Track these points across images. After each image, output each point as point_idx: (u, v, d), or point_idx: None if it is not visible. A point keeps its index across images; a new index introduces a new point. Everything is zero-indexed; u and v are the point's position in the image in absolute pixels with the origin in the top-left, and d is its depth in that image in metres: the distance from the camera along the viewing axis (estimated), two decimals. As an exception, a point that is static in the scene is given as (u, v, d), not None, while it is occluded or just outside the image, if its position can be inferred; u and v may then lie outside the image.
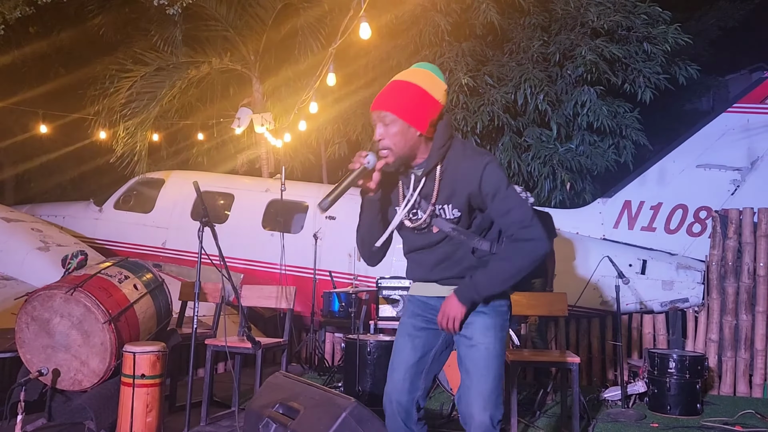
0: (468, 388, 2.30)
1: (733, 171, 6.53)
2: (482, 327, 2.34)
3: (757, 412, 4.91)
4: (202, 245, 3.78)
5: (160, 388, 3.62)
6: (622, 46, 7.81)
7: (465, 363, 2.33)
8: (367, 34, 4.73)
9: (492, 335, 2.33)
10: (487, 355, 2.31)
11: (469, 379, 2.30)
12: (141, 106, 7.45)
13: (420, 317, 2.49)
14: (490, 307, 2.36)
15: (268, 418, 2.80)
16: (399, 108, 2.23)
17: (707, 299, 6.27)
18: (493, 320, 2.36)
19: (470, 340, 2.33)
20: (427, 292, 2.48)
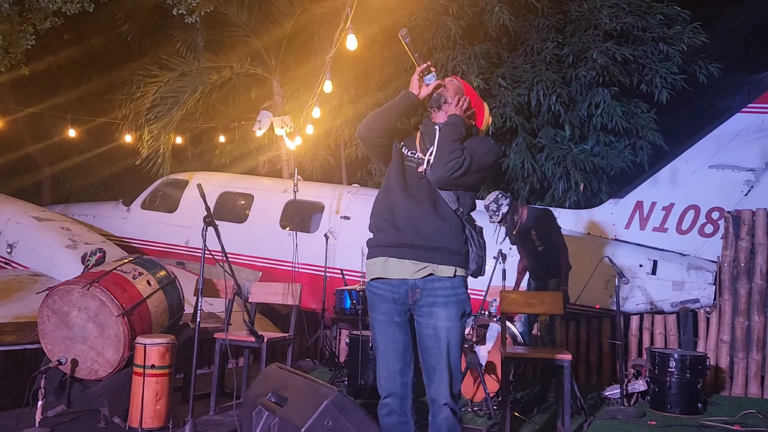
0: (435, 373, 2.60)
1: (747, 171, 6.48)
2: (446, 317, 2.58)
3: (759, 412, 4.92)
4: (204, 242, 3.96)
5: (169, 378, 3.85)
6: (638, 46, 7.81)
7: (428, 350, 2.60)
8: (354, 45, 4.90)
9: (454, 324, 2.59)
10: (450, 343, 2.58)
11: (434, 364, 2.59)
12: (165, 110, 7.77)
13: (396, 308, 2.66)
14: (451, 294, 2.59)
15: (261, 405, 3.00)
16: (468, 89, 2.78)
17: (719, 300, 6.26)
18: (455, 310, 2.59)
19: (435, 329, 2.58)
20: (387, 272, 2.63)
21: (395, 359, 2.65)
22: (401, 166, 2.69)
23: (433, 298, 2.57)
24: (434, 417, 2.62)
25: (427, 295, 2.58)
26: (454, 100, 2.69)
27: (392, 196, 2.67)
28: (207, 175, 8.59)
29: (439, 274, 2.58)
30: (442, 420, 2.60)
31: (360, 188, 8.02)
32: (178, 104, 7.84)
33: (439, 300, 2.56)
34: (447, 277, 2.58)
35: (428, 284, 2.58)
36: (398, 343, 2.65)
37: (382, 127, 2.66)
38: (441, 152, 2.56)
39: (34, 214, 6.93)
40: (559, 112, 7.86)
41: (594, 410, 4.95)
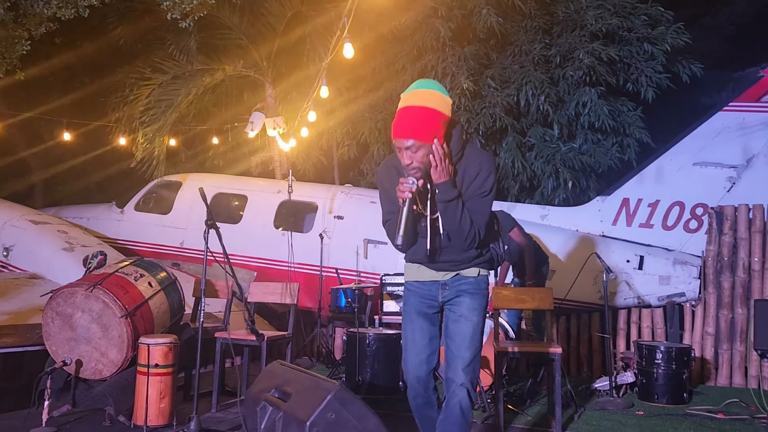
0: (456, 358, 2.77)
1: (729, 168, 6.67)
2: (470, 306, 2.83)
3: (742, 401, 5.10)
4: (207, 245, 4.06)
5: (173, 377, 3.96)
6: (623, 46, 7.97)
7: (452, 335, 2.81)
8: (350, 53, 5.02)
9: (477, 314, 2.84)
10: (472, 330, 2.81)
11: (455, 348, 2.78)
12: (159, 113, 7.84)
13: (426, 302, 2.91)
14: (476, 288, 2.87)
15: (265, 401, 3.12)
16: (419, 134, 2.60)
17: (704, 293, 6.45)
18: (479, 301, 2.86)
19: (459, 315, 2.82)
20: (421, 276, 2.91)
21: (423, 347, 2.86)
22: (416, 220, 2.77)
23: (459, 290, 2.85)
24: (449, 399, 2.76)
25: (455, 289, 2.85)
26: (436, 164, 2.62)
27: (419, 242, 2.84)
28: (201, 177, 8.67)
29: (464, 274, 2.88)
30: (456, 403, 2.73)
31: (353, 188, 8.14)
32: (173, 107, 7.91)
33: (465, 291, 2.84)
34: (472, 276, 2.88)
35: (455, 281, 2.87)
36: (426, 332, 2.88)
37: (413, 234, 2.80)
38: (456, 239, 2.77)
39: (30, 217, 6.99)
40: (548, 111, 8.02)
41: (584, 402, 5.11)
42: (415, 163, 2.63)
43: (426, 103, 2.61)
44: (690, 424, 4.52)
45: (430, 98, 2.62)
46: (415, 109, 2.61)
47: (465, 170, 2.74)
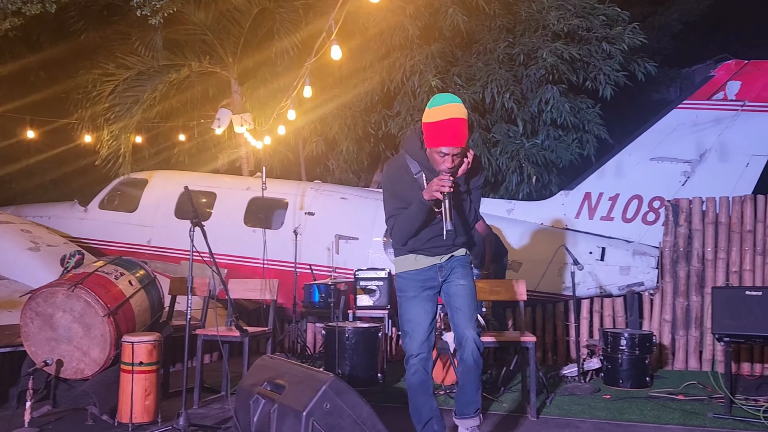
0: (463, 316, 3.28)
1: (684, 163, 7.02)
2: (463, 274, 3.36)
3: (699, 383, 5.42)
4: (192, 243, 4.08)
5: (157, 374, 3.98)
6: (583, 46, 8.26)
7: (455, 297, 3.32)
8: (338, 55, 5.10)
9: (470, 279, 3.39)
10: (470, 292, 3.35)
11: (461, 309, 3.29)
12: (124, 110, 7.71)
13: (423, 289, 3.34)
14: (465, 262, 3.40)
15: (258, 394, 3.20)
16: (465, 142, 3.12)
17: (661, 282, 6.78)
18: (469, 271, 3.42)
19: (458, 281, 3.34)
20: (419, 264, 3.34)
21: (426, 328, 3.29)
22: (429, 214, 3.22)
23: (454, 266, 3.35)
24: (464, 351, 3.23)
25: (450, 267, 3.35)
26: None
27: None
28: (167, 174, 8.57)
29: (456, 254, 3.38)
30: (469, 354, 3.22)
31: (323, 184, 8.20)
32: (138, 103, 7.79)
33: (458, 265, 3.36)
34: (461, 255, 3.40)
35: (449, 261, 3.36)
36: (429, 313, 3.32)
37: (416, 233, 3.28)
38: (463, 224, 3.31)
39: (-8, 217, 6.80)
40: (512, 108, 8.24)
41: (554, 388, 5.34)
42: (454, 166, 3.10)
43: (462, 115, 3.09)
44: (654, 405, 4.80)
45: (462, 111, 3.11)
46: (458, 120, 3.07)
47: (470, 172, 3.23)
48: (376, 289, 6.61)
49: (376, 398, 4.88)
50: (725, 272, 6.58)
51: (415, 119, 7.98)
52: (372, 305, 6.60)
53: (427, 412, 3.26)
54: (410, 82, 7.90)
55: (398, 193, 3.27)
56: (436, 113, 3.07)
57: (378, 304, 6.60)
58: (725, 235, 6.62)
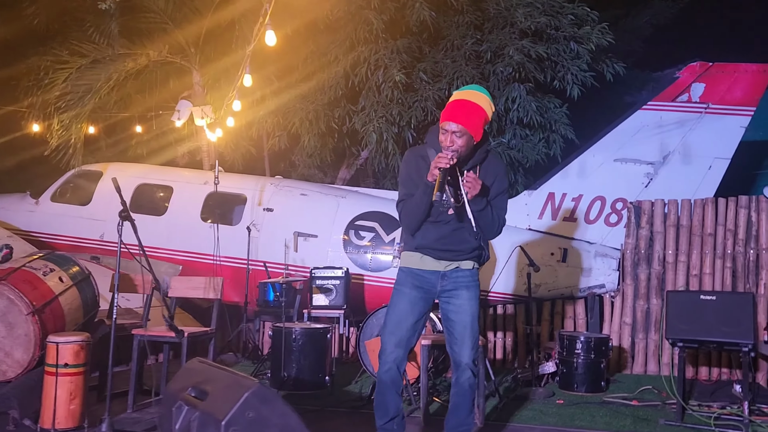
0: (461, 340, 3.21)
1: (647, 165, 6.97)
2: (468, 297, 3.26)
3: (654, 388, 5.35)
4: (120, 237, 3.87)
5: (84, 377, 3.76)
6: (551, 44, 8.17)
7: (455, 324, 3.24)
8: (273, 41, 4.92)
9: (474, 304, 3.28)
10: (472, 319, 3.25)
11: (459, 335, 3.22)
12: (76, 99, 7.41)
13: (419, 289, 3.28)
14: (472, 280, 3.29)
15: (181, 400, 3.00)
16: (468, 123, 3.08)
17: (622, 285, 6.72)
18: (475, 292, 3.31)
19: (460, 306, 3.24)
20: (424, 265, 3.28)
21: (408, 328, 3.23)
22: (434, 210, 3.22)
23: (457, 283, 3.25)
24: (458, 378, 3.21)
25: (453, 281, 3.25)
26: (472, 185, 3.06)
27: (427, 229, 3.27)
28: (123, 167, 8.29)
29: (462, 267, 3.28)
30: (465, 380, 3.19)
31: (283, 180, 8.00)
32: (91, 93, 7.50)
33: (462, 284, 3.25)
34: (468, 269, 3.28)
35: (454, 273, 3.26)
36: (416, 314, 3.26)
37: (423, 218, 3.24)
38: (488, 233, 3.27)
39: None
40: (478, 106, 8.10)
41: (509, 392, 5.23)
42: (455, 146, 3.07)
43: (479, 102, 3.10)
44: (606, 411, 4.70)
45: (482, 100, 3.12)
46: (470, 103, 3.09)
47: (487, 171, 3.23)
48: (333, 288, 6.45)
49: (323, 402, 4.71)
50: (685, 275, 6.54)
51: (380, 115, 7.81)
52: (328, 305, 6.44)
53: (394, 410, 3.25)
54: (375, 77, 7.72)
55: (411, 179, 3.27)
56: (457, 95, 3.17)
57: (334, 303, 6.44)
58: (686, 238, 6.58)
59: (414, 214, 3.24)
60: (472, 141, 3.12)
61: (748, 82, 6.76)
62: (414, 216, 3.24)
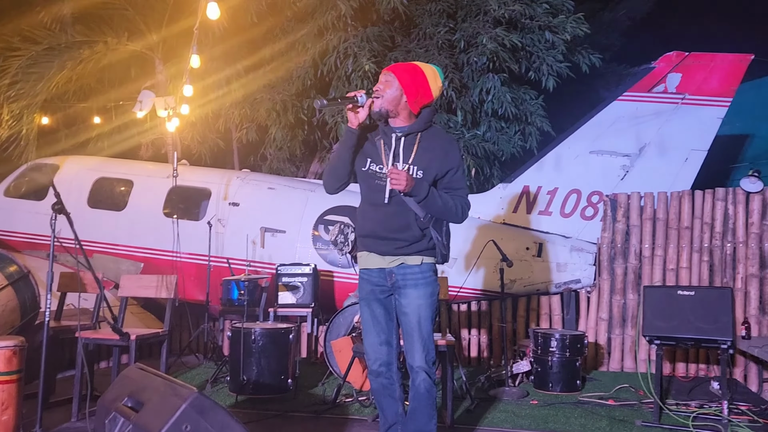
0: (411, 343, 3.00)
1: (623, 157, 6.80)
2: (415, 295, 3.01)
3: (631, 386, 5.18)
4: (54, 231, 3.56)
5: (18, 385, 3.44)
6: (525, 34, 7.96)
7: (403, 326, 3.04)
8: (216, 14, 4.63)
9: (423, 304, 3.01)
10: (419, 320, 3.00)
11: (408, 338, 3.02)
12: (27, 88, 7.03)
13: (378, 288, 3.08)
14: (420, 277, 3.02)
15: (116, 411, 2.73)
16: (402, 76, 2.94)
17: (598, 280, 6.55)
18: (424, 290, 3.02)
19: (406, 307, 3.02)
20: (369, 264, 3.09)
21: (379, 331, 3.06)
22: (370, 185, 3.05)
23: (404, 281, 3.02)
24: (413, 380, 3.02)
25: (400, 279, 3.03)
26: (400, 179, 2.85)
27: (368, 211, 3.09)
28: (81, 159, 7.94)
29: (408, 263, 3.03)
30: (420, 382, 2.99)
31: (250, 173, 7.70)
32: (43, 81, 7.11)
33: (409, 282, 3.02)
34: (415, 264, 3.03)
35: (400, 270, 3.03)
36: (380, 317, 3.07)
37: (342, 172, 3.03)
38: (443, 216, 3.01)
39: None
40: (452, 97, 7.89)
41: (482, 392, 5.01)
42: (381, 92, 2.92)
43: (423, 67, 3.00)
44: (581, 412, 4.51)
45: (428, 69, 3.01)
46: (413, 65, 3.01)
47: (431, 142, 3.00)
48: (300, 285, 6.20)
49: (285, 406, 4.45)
50: (662, 270, 6.39)
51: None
52: (295, 303, 6.18)
53: (392, 416, 3.10)
54: (344, 66, 7.44)
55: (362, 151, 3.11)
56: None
57: (302, 302, 6.18)
58: (663, 231, 6.43)
59: (332, 165, 3.06)
60: (401, 97, 2.93)
61: (725, 72, 6.62)
62: (331, 167, 3.06)
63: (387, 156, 2.97)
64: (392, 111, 2.96)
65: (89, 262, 3.85)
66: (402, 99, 2.94)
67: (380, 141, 3.01)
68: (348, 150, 2.96)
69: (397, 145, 2.96)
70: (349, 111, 2.88)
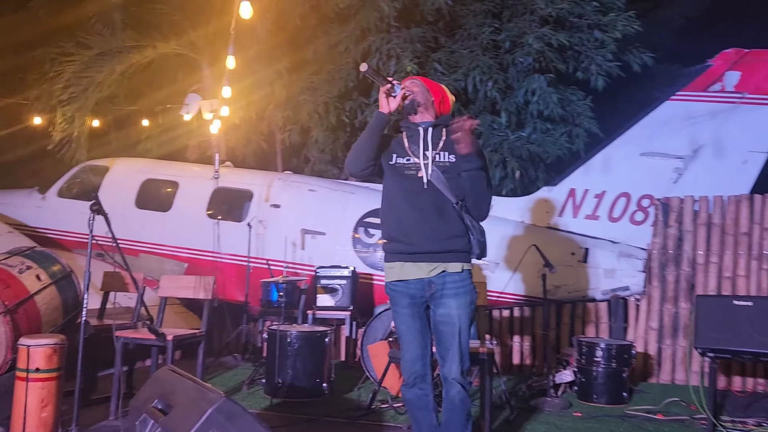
0: (446, 353, 2.93)
1: (676, 159, 6.50)
2: (454, 306, 2.93)
3: (682, 400, 4.91)
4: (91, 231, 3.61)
5: (57, 382, 3.50)
6: (573, 33, 7.74)
7: (439, 335, 2.96)
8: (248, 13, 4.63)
9: (462, 313, 2.94)
10: (458, 330, 2.93)
11: (443, 349, 2.94)
12: (79, 91, 7.24)
13: (416, 300, 2.99)
14: (460, 286, 2.95)
15: (146, 413, 2.73)
16: (426, 81, 3.13)
17: (648, 287, 6.28)
18: (463, 299, 2.95)
19: (444, 316, 2.94)
20: (404, 275, 2.98)
21: (416, 345, 2.98)
22: (401, 177, 2.99)
23: (445, 290, 2.94)
24: (447, 392, 2.95)
25: (440, 289, 2.94)
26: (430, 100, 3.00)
27: (398, 210, 2.99)
28: (130, 161, 8.12)
29: (449, 270, 2.95)
30: (454, 394, 2.92)
31: (292, 175, 7.72)
32: (94, 85, 7.31)
33: (450, 291, 2.94)
34: (456, 272, 2.95)
35: (440, 279, 2.95)
36: (417, 332, 2.99)
37: (368, 156, 2.96)
38: (480, 201, 2.97)
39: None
40: (496, 98, 7.73)
41: (522, 402, 4.85)
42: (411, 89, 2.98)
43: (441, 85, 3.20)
44: (628, 426, 4.30)
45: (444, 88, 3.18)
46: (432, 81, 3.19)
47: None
48: (339, 288, 6.16)
49: (320, 411, 4.41)
50: (717, 278, 6.07)
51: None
52: (333, 306, 6.14)
53: (427, 428, 3.02)
54: (386, 67, 7.39)
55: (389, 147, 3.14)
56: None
57: (340, 304, 6.14)
58: (718, 237, 6.11)
59: (360, 145, 2.98)
60: (429, 96, 3.04)
61: (788, 69, 6.25)
62: (359, 146, 2.97)
63: (416, 146, 2.98)
64: (422, 105, 3.03)
65: (126, 261, 3.89)
66: (429, 98, 3.06)
67: (403, 136, 3.06)
68: (378, 132, 2.95)
69: (425, 134, 3.00)
70: (383, 97, 2.91)
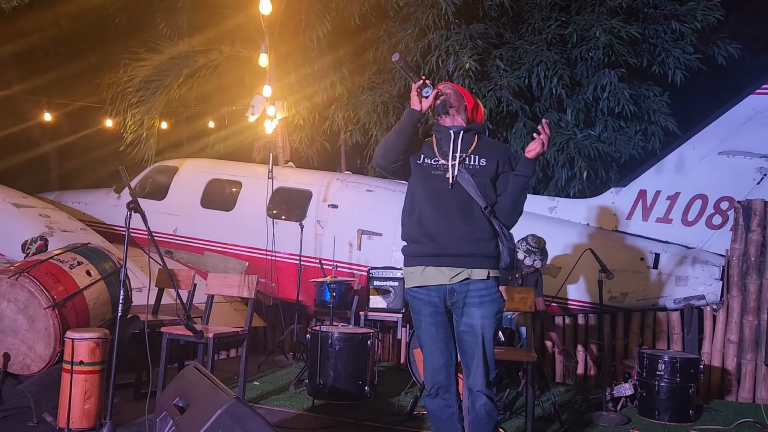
0: (470, 364, 2.83)
1: (760, 158, 5.96)
2: (479, 315, 2.82)
3: (756, 421, 4.47)
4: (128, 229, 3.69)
5: (100, 375, 3.61)
6: (648, 25, 7.27)
7: (464, 346, 2.86)
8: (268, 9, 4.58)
9: (487, 323, 2.82)
10: (483, 340, 2.81)
11: (468, 359, 2.84)
12: (148, 94, 7.53)
13: (437, 308, 2.88)
14: (485, 294, 2.83)
15: (167, 410, 2.75)
16: (459, 87, 3.09)
17: (727, 297, 5.78)
18: (489, 309, 2.83)
19: (469, 327, 2.83)
20: (425, 281, 2.86)
21: (439, 355, 2.88)
22: (427, 176, 2.90)
23: (469, 299, 2.82)
24: (473, 404, 2.84)
25: (464, 297, 2.83)
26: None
27: (420, 210, 2.88)
28: (196, 162, 8.38)
29: (473, 277, 2.83)
30: (480, 406, 2.81)
31: (351, 175, 7.70)
32: (162, 87, 7.59)
33: (475, 300, 2.82)
34: (481, 279, 2.83)
35: (464, 287, 2.83)
36: (441, 341, 2.88)
37: (397, 150, 2.87)
38: (519, 207, 2.91)
39: (14, 200, 6.80)
40: (561, 95, 7.39)
41: (576, 415, 4.57)
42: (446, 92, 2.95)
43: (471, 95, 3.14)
44: (689, 447, 3.95)
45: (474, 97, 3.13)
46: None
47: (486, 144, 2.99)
48: (391, 290, 6.05)
49: (360, 414, 4.33)
50: (804, 288, 5.50)
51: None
52: (385, 308, 6.05)
53: None
54: (445, 66, 7.22)
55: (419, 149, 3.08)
56: None
57: (392, 306, 6.03)
58: (806, 243, 5.54)
59: (390, 139, 2.88)
60: (462, 100, 2.98)
61: None
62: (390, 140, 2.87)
63: (446, 148, 2.89)
64: (455, 107, 2.96)
65: (163, 258, 3.96)
66: (462, 102, 2.99)
67: (432, 138, 2.97)
68: (409, 127, 2.85)
69: (456, 137, 2.90)
70: (415, 95, 2.83)
